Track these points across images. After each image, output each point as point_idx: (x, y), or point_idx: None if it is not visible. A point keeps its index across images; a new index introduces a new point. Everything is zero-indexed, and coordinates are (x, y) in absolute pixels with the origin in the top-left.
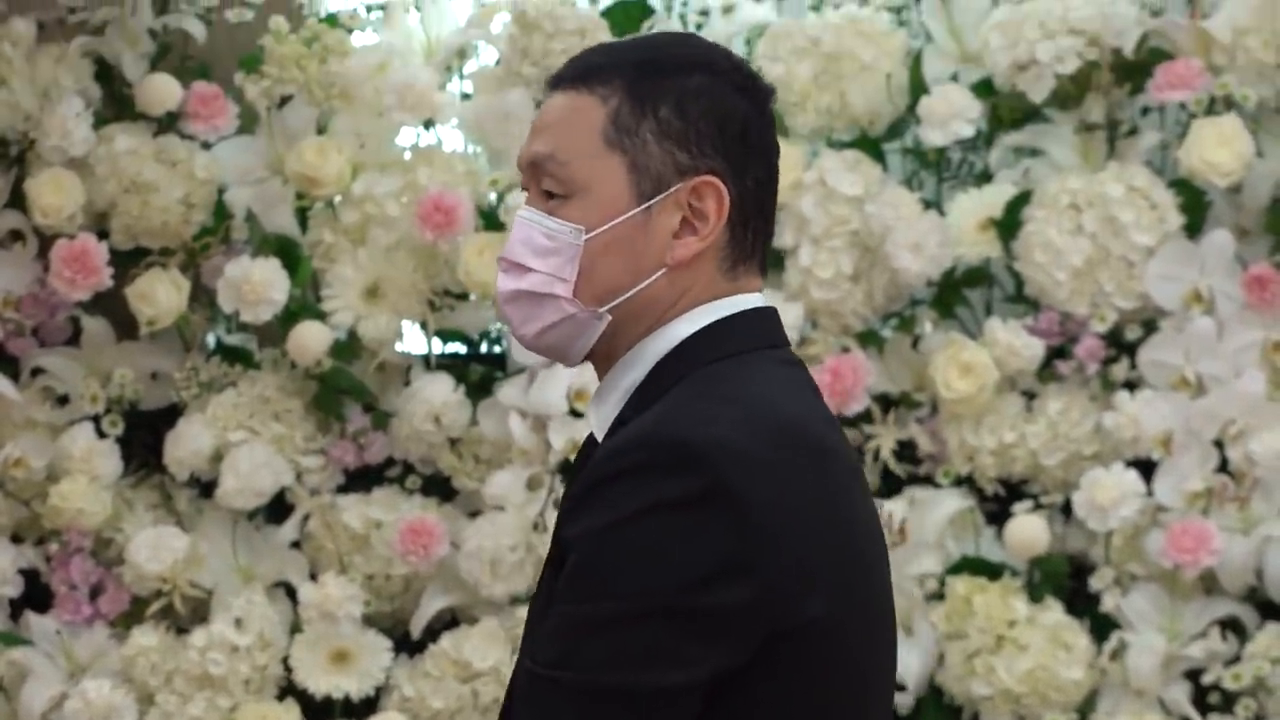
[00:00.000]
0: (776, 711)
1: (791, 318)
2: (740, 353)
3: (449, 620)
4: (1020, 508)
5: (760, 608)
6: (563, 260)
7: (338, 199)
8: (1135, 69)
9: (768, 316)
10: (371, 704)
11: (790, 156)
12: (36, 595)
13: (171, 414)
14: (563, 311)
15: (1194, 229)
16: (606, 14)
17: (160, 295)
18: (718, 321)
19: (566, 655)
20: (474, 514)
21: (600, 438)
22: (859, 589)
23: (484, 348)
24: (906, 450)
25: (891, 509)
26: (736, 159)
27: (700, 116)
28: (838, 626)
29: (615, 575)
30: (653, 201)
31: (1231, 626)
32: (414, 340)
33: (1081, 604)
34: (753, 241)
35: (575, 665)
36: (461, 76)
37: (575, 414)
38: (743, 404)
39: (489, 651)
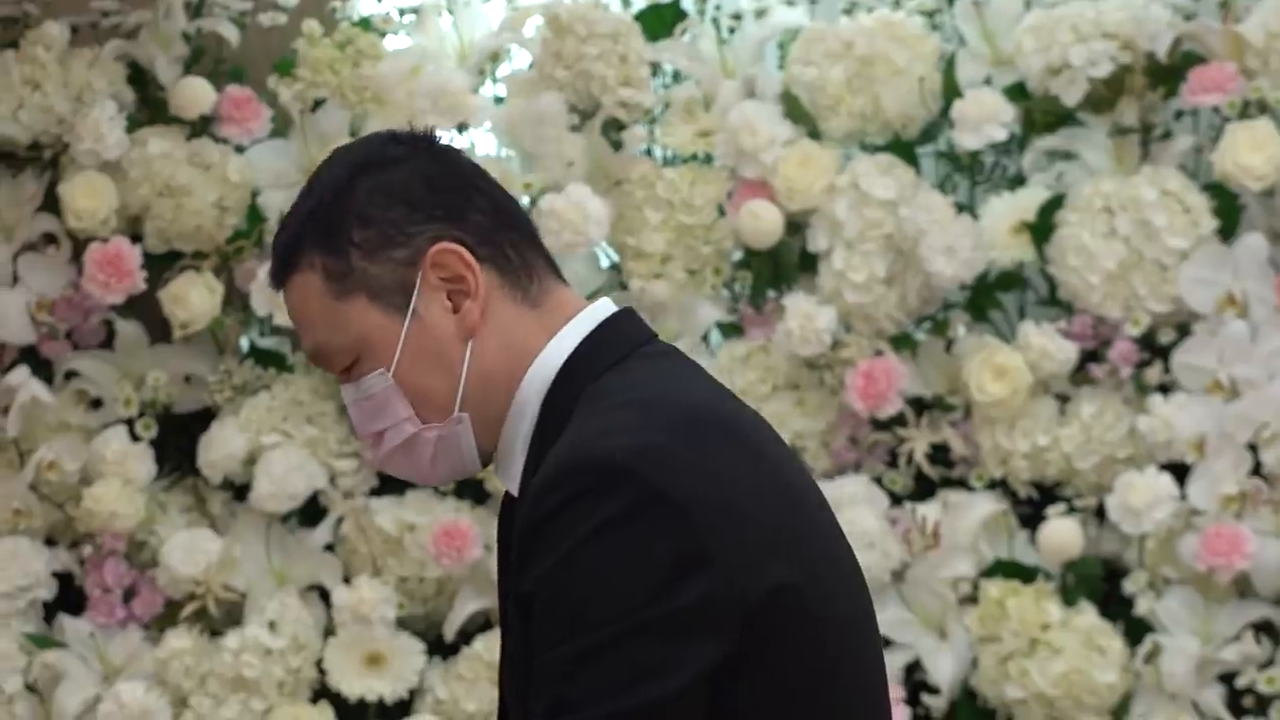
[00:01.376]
0: (773, 684)
1: (825, 321)
2: (619, 360)
3: (482, 623)
4: (1054, 511)
5: (726, 592)
6: (393, 406)
7: None
8: (1169, 73)
9: (626, 318)
10: (405, 707)
11: (823, 160)
12: (70, 598)
13: (205, 417)
14: (428, 441)
15: (1228, 232)
16: (639, 17)
17: (194, 298)
18: (584, 340)
19: (561, 699)
20: None
21: (516, 493)
22: (812, 549)
23: None
24: (940, 453)
25: (925, 512)
26: (445, 212)
27: (383, 209)
28: (803, 589)
29: (581, 608)
30: (412, 304)
31: (1266, 630)
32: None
33: (1115, 607)
34: (521, 257)
35: (572, 706)
36: (495, 80)
37: None
38: (643, 406)
39: None
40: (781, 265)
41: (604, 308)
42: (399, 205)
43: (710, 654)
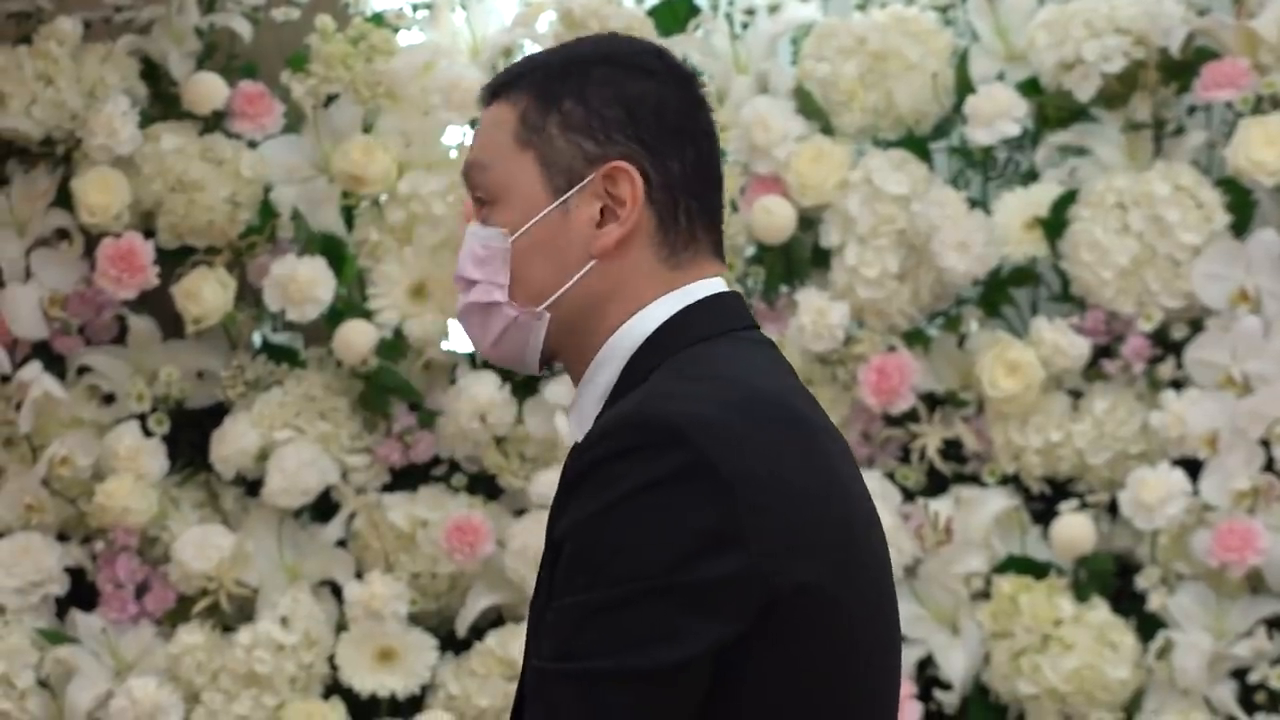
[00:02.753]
0: (779, 679)
1: (837, 316)
2: (711, 336)
3: (495, 618)
4: (1066, 506)
5: (752, 577)
6: (496, 266)
7: (383, 198)
8: (1182, 68)
9: (732, 300)
10: (417, 702)
11: (836, 156)
12: (82, 593)
13: (218, 412)
14: (506, 317)
15: (1241, 228)
16: (652, 13)
17: (206, 294)
18: (683, 310)
19: (569, 646)
20: (520, 512)
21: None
22: (849, 557)
23: None
24: (952, 449)
25: (937, 508)
26: (654, 142)
27: (605, 104)
28: (830, 593)
29: (609, 560)
30: (568, 195)
31: (1278, 625)
32: (460, 339)
33: (1127, 603)
34: (690, 225)
35: (578, 655)
36: None
37: None
38: (720, 381)
39: None
40: (794, 260)
41: (708, 286)
42: (621, 108)
43: (723, 633)
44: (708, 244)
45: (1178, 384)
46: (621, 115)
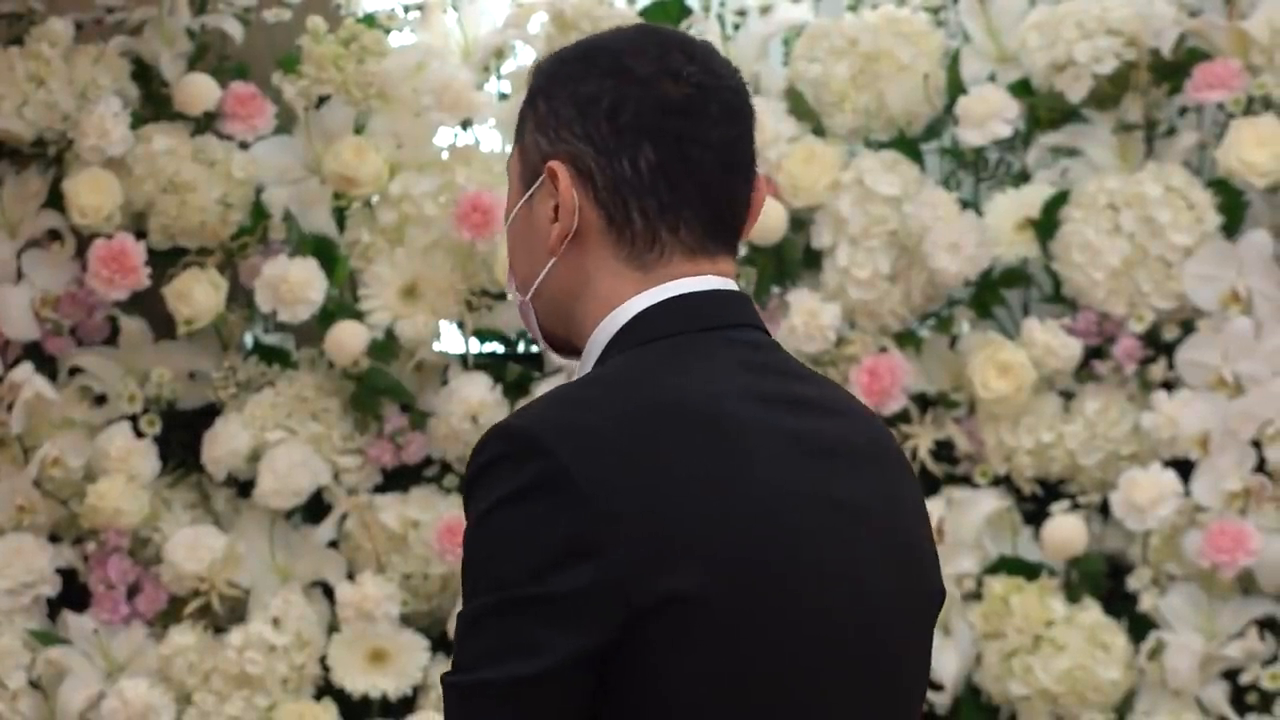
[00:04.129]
0: (673, 688)
1: (829, 317)
2: (660, 337)
3: None
4: (1058, 507)
5: (608, 588)
6: (507, 253)
7: (375, 199)
8: (1173, 69)
9: (712, 298)
10: (409, 703)
11: (828, 157)
12: (74, 594)
13: (209, 413)
14: (515, 299)
15: (1232, 229)
16: (644, 13)
17: (198, 295)
18: (644, 311)
19: (455, 658)
20: None
21: None
22: (750, 560)
23: (521, 347)
24: (944, 450)
25: (929, 509)
26: (603, 142)
27: (563, 103)
28: (716, 601)
29: (479, 572)
30: (530, 191)
31: (1269, 626)
32: (451, 340)
33: (1119, 604)
34: (648, 226)
35: (458, 666)
36: (499, 76)
37: None
38: (608, 386)
39: None
40: (786, 261)
41: (687, 285)
42: (573, 108)
43: (583, 644)
44: (680, 245)
45: (1169, 385)
46: (573, 113)
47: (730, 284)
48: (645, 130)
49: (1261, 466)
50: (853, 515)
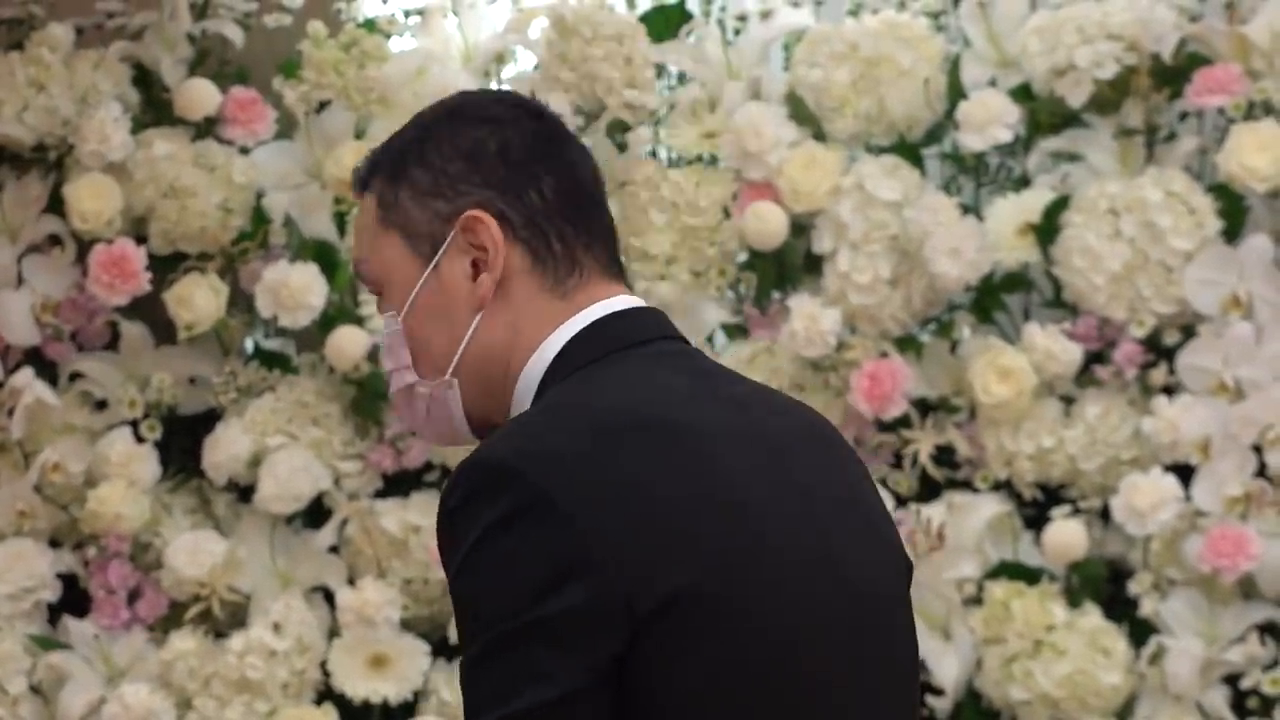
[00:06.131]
0: (693, 685)
1: (829, 323)
2: (594, 360)
3: None
4: (1059, 512)
5: (606, 601)
6: (399, 351)
7: None
8: (1174, 74)
9: (632, 316)
10: (410, 708)
11: (828, 162)
12: (75, 600)
13: (210, 419)
14: (422, 395)
15: (1232, 234)
16: (644, 19)
17: (198, 300)
18: (571, 340)
19: (470, 704)
20: None
21: None
22: (736, 549)
23: None
24: (945, 455)
25: (929, 513)
26: (503, 183)
27: (448, 160)
28: (717, 594)
29: (473, 614)
30: (436, 259)
31: (1270, 631)
32: None
33: (1120, 609)
34: (567, 250)
35: (477, 710)
36: (500, 82)
37: None
38: (570, 407)
39: None
40: (786, 267)
41: (606, 307)
42: (461, 161)
43: (596, 659)
44: (594, 265)
45: (1170, 390)
46: (463, 167)
47: (640, 301)
48: (539, 161)
49: (1262, 471)
50: (820, 500)
